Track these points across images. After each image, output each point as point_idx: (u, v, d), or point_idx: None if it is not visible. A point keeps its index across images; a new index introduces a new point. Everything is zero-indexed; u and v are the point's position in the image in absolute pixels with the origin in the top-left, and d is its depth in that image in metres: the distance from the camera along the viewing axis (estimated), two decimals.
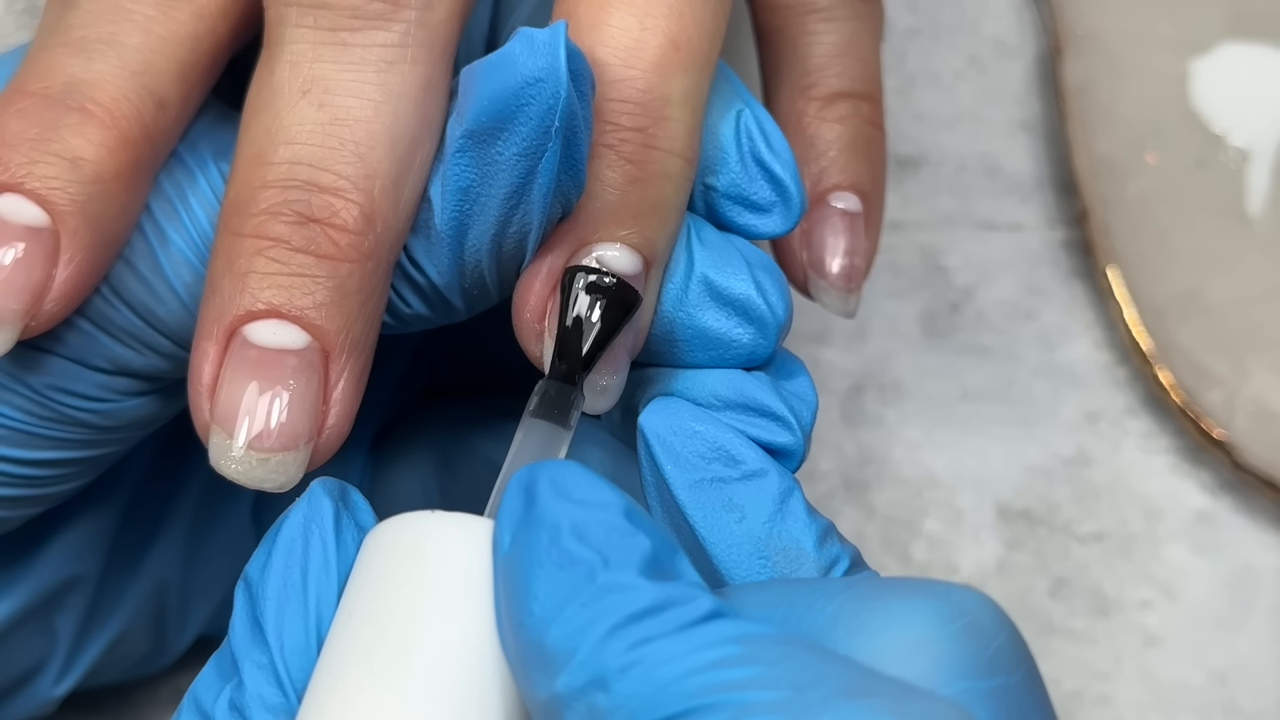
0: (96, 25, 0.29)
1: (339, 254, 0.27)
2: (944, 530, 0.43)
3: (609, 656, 0.22)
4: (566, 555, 0.23)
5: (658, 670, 0.22)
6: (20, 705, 0.35)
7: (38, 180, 0.27)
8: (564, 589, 0.23)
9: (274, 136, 0.27)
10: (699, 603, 0.23)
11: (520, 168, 0.27)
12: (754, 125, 0.30)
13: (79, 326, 0.29)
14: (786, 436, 0.29)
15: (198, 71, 0.29)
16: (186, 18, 0.29)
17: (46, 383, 0.29)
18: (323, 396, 0.27)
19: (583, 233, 0.28)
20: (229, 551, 0.37)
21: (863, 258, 0.35)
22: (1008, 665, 0.24)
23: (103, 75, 0.28)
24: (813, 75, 0.36)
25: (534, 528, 0.24)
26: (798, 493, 0.29)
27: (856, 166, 0.35)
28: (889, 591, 0.24)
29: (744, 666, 0.22)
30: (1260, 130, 0.44)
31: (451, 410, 0.38)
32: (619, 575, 0.23)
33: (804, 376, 0.31)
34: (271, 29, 0.28)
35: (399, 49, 0.28)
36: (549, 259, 0.28)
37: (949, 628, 0.23)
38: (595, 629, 0.22)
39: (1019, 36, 0.48)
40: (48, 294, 0.27)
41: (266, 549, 0.26)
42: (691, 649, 0.22)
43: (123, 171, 0.28)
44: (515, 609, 0.23)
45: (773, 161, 0.30)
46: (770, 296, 0.30)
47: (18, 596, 0.33)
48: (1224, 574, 0.43)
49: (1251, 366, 0.43)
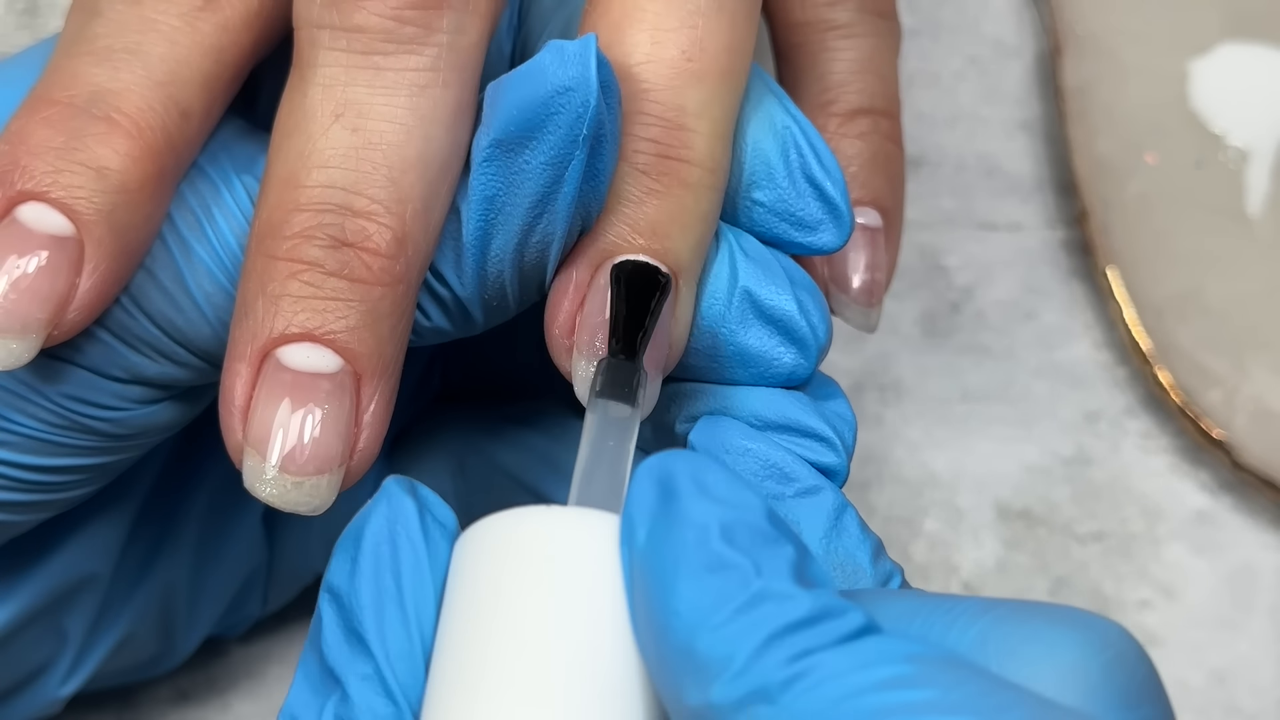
0: (122, 35, 0.29)
1: (372, 278, 0.27)
2: (944, 530, 0.43)
3: (770, 668, 0.22)
4: (716, 558, 0.22)
5: (827, 685, 0.21)
6: (26, 705, 0.35)
7: (63, 189, 0.27)
8: (714, 593, 0.22)
9: (307, 160, 0.27)
10: (852, 615, 0.22)
11: (546, 176, 0.27)
12: (803, 141, 0.30)
13: (97, 337, 0.29)
14: (831, 457, 0.29)
15: (221, 83, 0.29)
16: (211, 29, 0.29)
17: (63, 392, 0.29)
18: (354, 419, 0.27)
19: (604, 245, 0.28)
20: (238, 555, 0.37)
21: (883, 272, 0.35)
22: (1151, 697, 0.24)
23: (128, 85, 0.28)
24: (832, 91, 0.36)
25: (677, 526, 0.23)
26: (851, 509, 0.29)
27: (876, 182, 0.35)
28: (1036, 616, 0.24)
29: (921, 689, 0.21)
30: (1260, 130, 0.44)
31: (467, 416, 0.38)
32: (774, 582, 0.22)
33: (841, 398, 0.31)
34: (303, 50, 0.28)
35: (431, 73, 0.28)
36: (575, 273, 0.29)
37: (1100, 658, 0.23)
38: (751, 637, 0.22)
39: (1019, 36, 0.48)
40: (71, 303, 0.27)
41: (349, 555, 0.26)
42: (859, 665, 0.21)
43: (147, 182, 0.28)
44: (659, 611, 0.23)
45: (824, 179, 0.30)
46: (812, 317, 0.30)
47: (28, 595, 0.33)
48: (1223, 574, 0.43)
49: (1251, 366, 0.43)
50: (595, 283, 0.28)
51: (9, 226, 0.27)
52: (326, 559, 0.38)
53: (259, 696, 0.40)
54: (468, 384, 0.39)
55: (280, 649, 0.41)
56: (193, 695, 0.40)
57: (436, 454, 0.38)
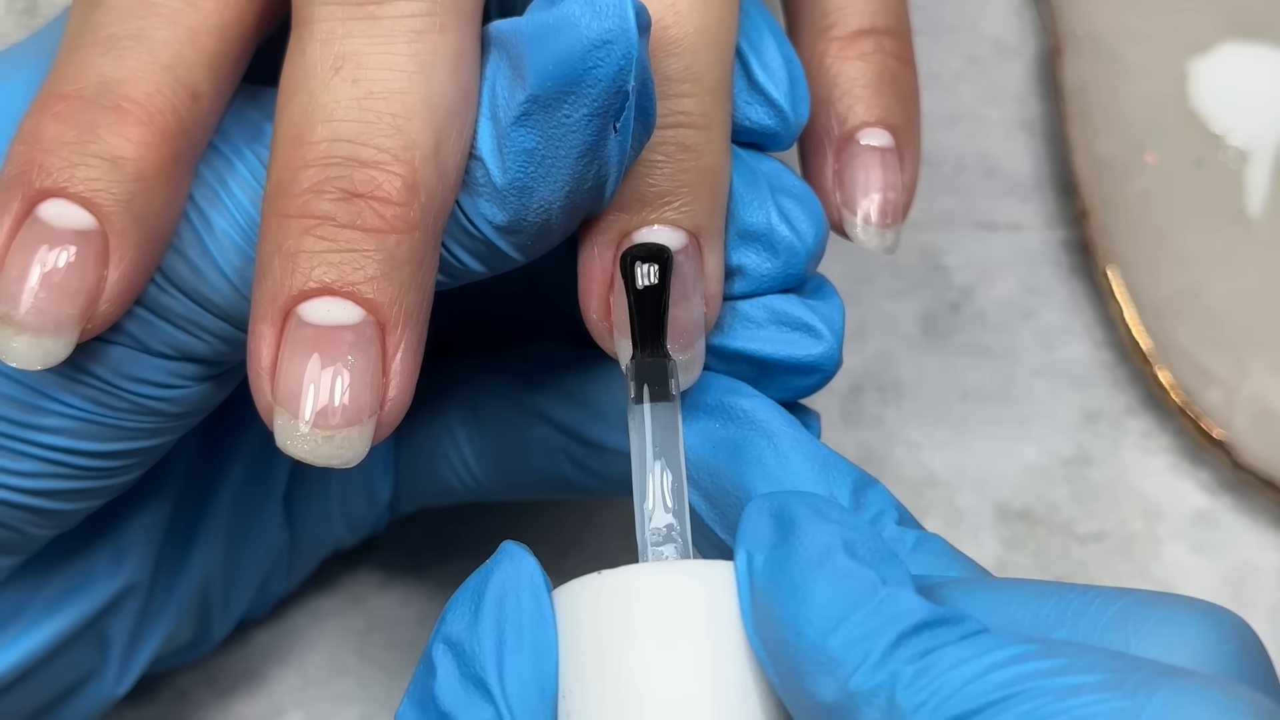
0: (124, 22, 0.29)
1: (385, 226, 0.27)
2: (944, 530, 0.43)
3: (903, 659, 0.23)
4: (844, 569, 0.24)
5: (961, 666, 0.23)
6: (81, 707, 0.36)
7: (81, 183, 0.27)
8: (846, 599, 0.24)
9: (310, 116, 0.27)
10: (970, 621, 0.24)
11: (593, 127, 0.27)
12: (745, 46, 0.31)
13: (137, 315, 0.29)
14: (819, 347, 0.31)
15: (228, 60, 0.29)
16: (213, 6, 0.29)
17: (115, 371, 0.29)
18: (382, 369, 0.28)
19: (620, 224, 0.29)
20: (265, 537, 0.38)
21: (897, 192, 0.34)
22: (1274, 687, 0.25)
23: (135, 72, 0.28)
24: (832, 15, 0.35)
25: (802, 545, 0.25)
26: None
27: (884, 102, 0.35)
28: (1170, 600, 0.25)
29: (1051, 658, 0.23)
30: (1260, 130, 0.44)
31: (465, 364, 0.38)
32: (898, 590, 0.24)
33: (834, 297, 0.32)
34: (299, 9, 0.28)
35: (428, 18, 0.28)
36: (597, 256, 0.29)
37: (1230, 643, 0.25)
38: (885, 634, 0.24)
39: (1019, 36, 0.48)
40: (101, 295, 0.28)
41: (469, 609, 0.27)
42: (988, 648, 0.23)
43: (163, 167, 0.28)
44: (790, 618, 0.25)
45: (765, 81, 0.31)
46: (798, 223, 0.30)
47: (72, 613, 0.34)
48: (1224, 574, 0.43)
49: (1251, 366, 0.43)
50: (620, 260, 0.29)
51: (32, 226, 0.27)
52: (345, 528, 0.39)
53: (259, 696, 0.40)
54: (458, 333, 0.39)
55: (280, 649, 0.41)
56: (193, 695, 0.40)
57: (441, 404, 0.38)
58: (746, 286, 0.31)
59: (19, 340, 0.27)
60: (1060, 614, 0.25)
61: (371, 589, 0.42)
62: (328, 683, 0.41)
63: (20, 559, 0.32)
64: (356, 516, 0.39)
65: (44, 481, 0.30)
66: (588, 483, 0.36)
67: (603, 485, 0.36)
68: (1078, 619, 0.25)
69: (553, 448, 0.35)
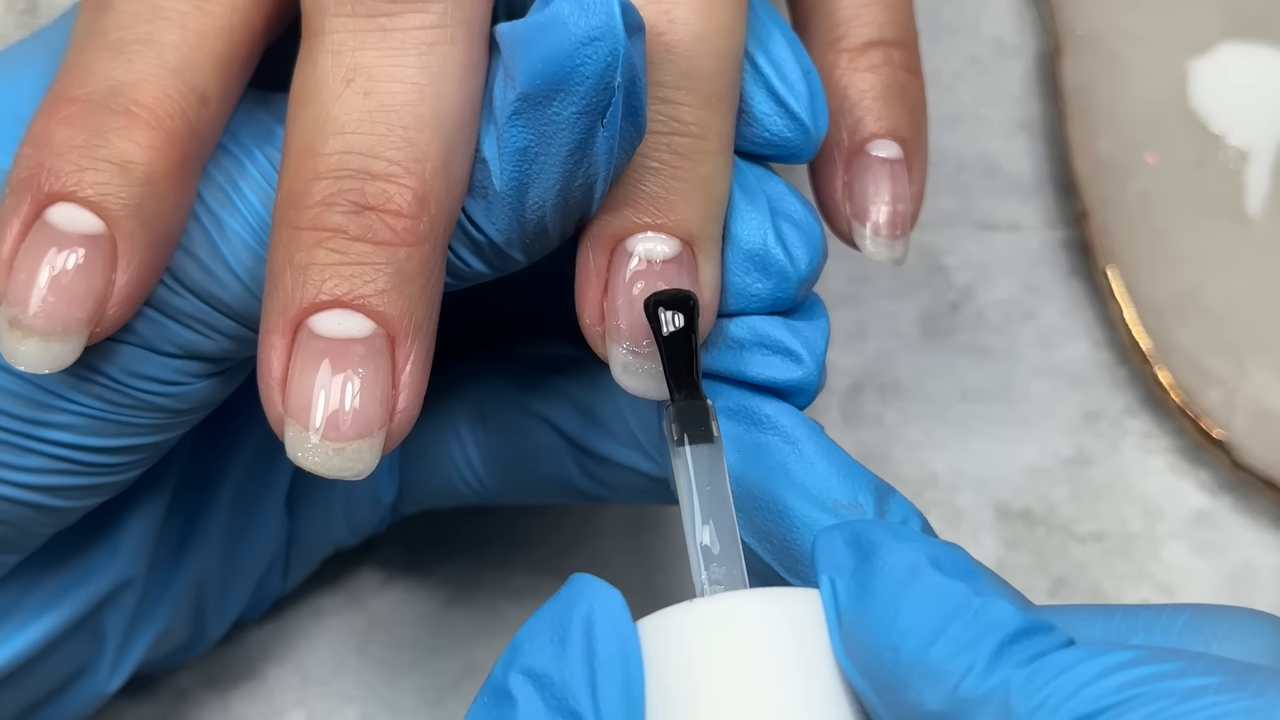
0: (133, 26, 0.29)
1: (396, 239, 0.27)
2: (944, 530, 0.43)
3: (1011, 664, 0.23)
4: (935, 584, 0.25)
5: (1073, 670, 0.23)
6: (74, 702, 0.36)
7: (90, 188, 0.28)
8: (941, 611, 0.24)
9: (322, 128, 0.27)
10: (1060, 631, 0.24)
11: (581, 125, 0.28)
12: (761, 58, 0.31)
13: (146, 315, 0.29)
14: (798, 372, 0.30)
15: (236, 64, 0.29)
16: (221, 10, 0.29)
17: (123, 369, 0.29)
18: (392, 381, 0.28)
19: (613, 229, 0.29)
20: (264, 536, 0.38)
21: (906, 204, 0.35)
22: None
23: (143, 76, 0.28)
24: (841, 27, 0.35)
25: (888, 565, 0.25)
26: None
27: (892, 113, 0.35)
28: (1236, 609, 0.25)
29: (1163, 663, 0.23)
30: (1259, 130, 0.44)
31: (473, 366, 0.38)
32: (992, 600, 0.24)
33: (822, 317, 0.32)
34: (310, 19, 0.28)
35: (439, 29, 0.28)
36: (592, 260, 0.29)
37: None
38: (987, 642, 0.24)
39: (1019, 36, 0.48)
40: (109, 299, 0.28)
41: (553, 638, 0.26)
42: (1098, 653, 0.23)
43: (172, 171, 0.28)
44: (886, 636, 0.25)
45: (785, 93, 0.31)
46: (794, 249, 0.30)
47: (68, 607, 0.34)
48: (1223, 573, 0.43)
49: (1251, 366, 0.43)
50: (613, 265, 0.29)
51: (41, 230, 0.28)
52: (347, 528, 0.39)
53: (259, 696, 0.40)
54: (465, 335, 0.39)
55: (280, 649, 0.41)
56: (192, 694, 0.40)
57: (448, 406, 0.38)
58: (733, 305, 0.31)
59: (27, 344, 0.27)
60: (1130, 626, 0.26)
61: (372, 588, 0.42)
62: (328, 682, 0.41)
63: (20, 557, 0.32)
64: (359, 518, 0.39)
65: (49, 478, 0.30)
66: (596, 490, 0.36)
67: (611, 493, 0.36)
68: (1150, 629, 0.25)
69: (560, 454, 0.36)
